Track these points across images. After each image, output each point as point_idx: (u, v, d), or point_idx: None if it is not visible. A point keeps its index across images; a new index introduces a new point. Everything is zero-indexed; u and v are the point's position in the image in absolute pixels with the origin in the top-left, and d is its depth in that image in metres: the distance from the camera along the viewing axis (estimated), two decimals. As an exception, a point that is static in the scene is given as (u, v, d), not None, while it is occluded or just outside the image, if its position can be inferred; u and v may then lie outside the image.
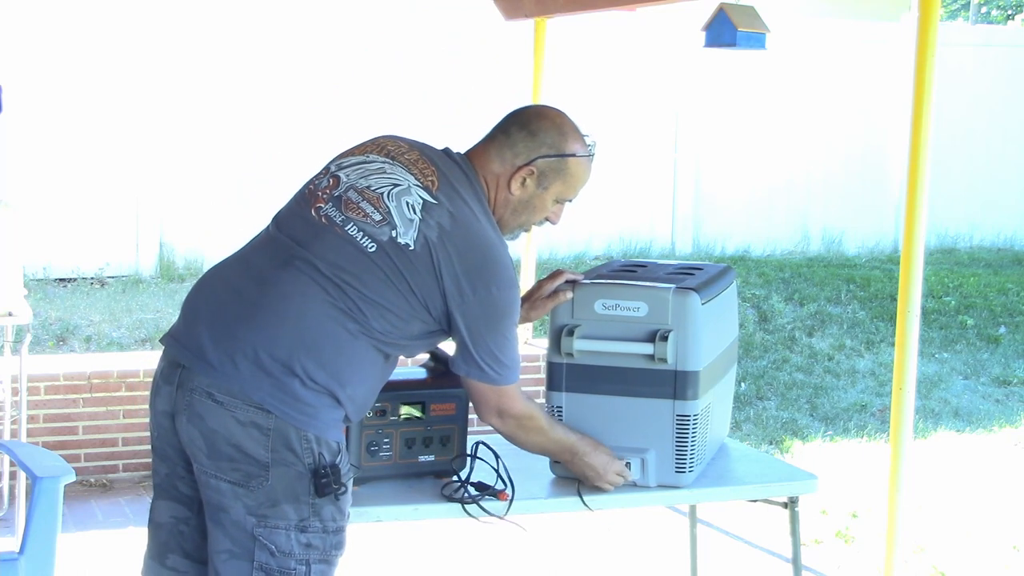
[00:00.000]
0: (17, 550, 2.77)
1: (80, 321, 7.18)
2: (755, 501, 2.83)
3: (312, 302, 2.32)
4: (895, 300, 6.01)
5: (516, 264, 9.44)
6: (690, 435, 2.60)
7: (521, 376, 5.33)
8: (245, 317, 2.33)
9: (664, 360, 2.56)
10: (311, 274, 2.34)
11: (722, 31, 5.08)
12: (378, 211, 2.37)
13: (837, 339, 7.92)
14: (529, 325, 5.81)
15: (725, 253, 10.29)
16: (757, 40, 5.10)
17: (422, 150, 2.48)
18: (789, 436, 6.19)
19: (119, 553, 4.36)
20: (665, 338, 2.56)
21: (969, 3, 20.05)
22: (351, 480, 2.38)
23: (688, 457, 2.61)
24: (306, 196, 2.46)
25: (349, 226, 2.37)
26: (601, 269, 2.88)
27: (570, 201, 2.54)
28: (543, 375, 5.56)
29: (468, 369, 2.43)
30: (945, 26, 12.43)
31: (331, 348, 2.31)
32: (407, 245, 2.34)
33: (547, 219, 2.55)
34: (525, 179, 2.47)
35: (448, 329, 2.42)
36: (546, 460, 2.73)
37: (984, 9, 20.41)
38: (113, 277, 8.55)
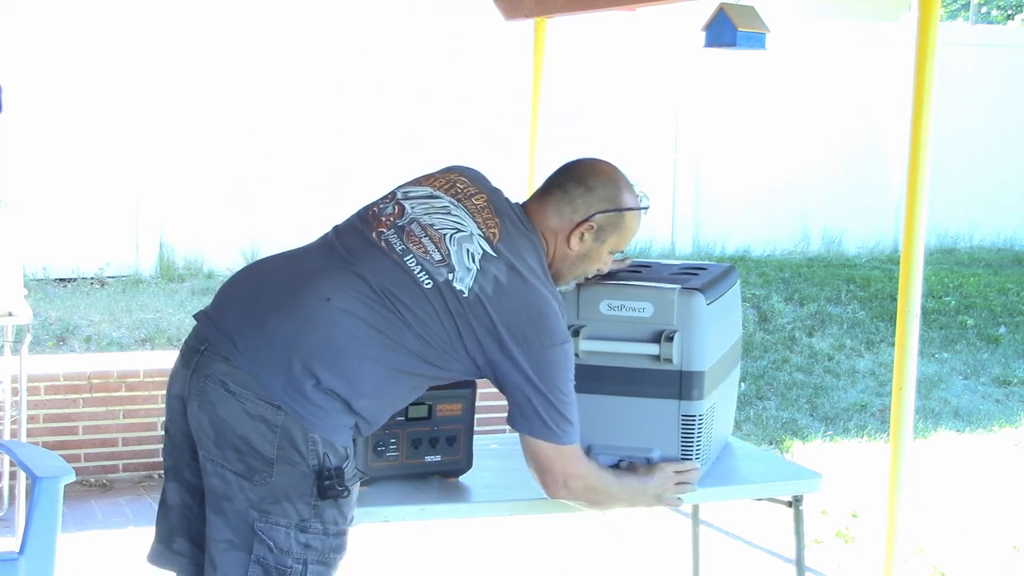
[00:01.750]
0: (17, 550, 2.76)
1: (80, 321, 7.17)
2: (760, 500, 2.83)
3: (350, 315, 2.33)
4: (895, 300, 6.01)
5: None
6: (695, 435, 2.60)
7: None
8: (280, 310, 2.34)
9: (669, 360, 2.56)
10: (358, 288, 2.35)
11: (722, 31, 5.08)
12: (439, 251, 2.38)
13: (837, 339, 7.92)
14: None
15: (725, 253, 10.29)
16: (757, 40, 5.10)
17: (489, 196, 2.49)
18: (789, 436, 6.19)
19: (119, 553, 4.36)
20: (670, 338, 2.56)
21: (969, 3, 20.06)
22: (357, 485, 2.38)
23: (693, 457, 2.61)
24: (368, 218, 2.47)
25: (408, 257, 2.38)
26: (606, 269, 2.87)
27: (622, 252, 2.59)
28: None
29: (531, 426, 2.40)
30: (945, 26, 12.44)
31: (356, 362, 2.31)
32: (461, 292, 2.35)
33: (598, 268, 2.59)
34: (584, 234, 2.50)
35: (493, 379, 2.42)
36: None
37: (984, 9, 20.42)
38: (113, 277, 8.55)
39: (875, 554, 4.41)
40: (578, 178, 2.53)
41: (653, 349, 2.57)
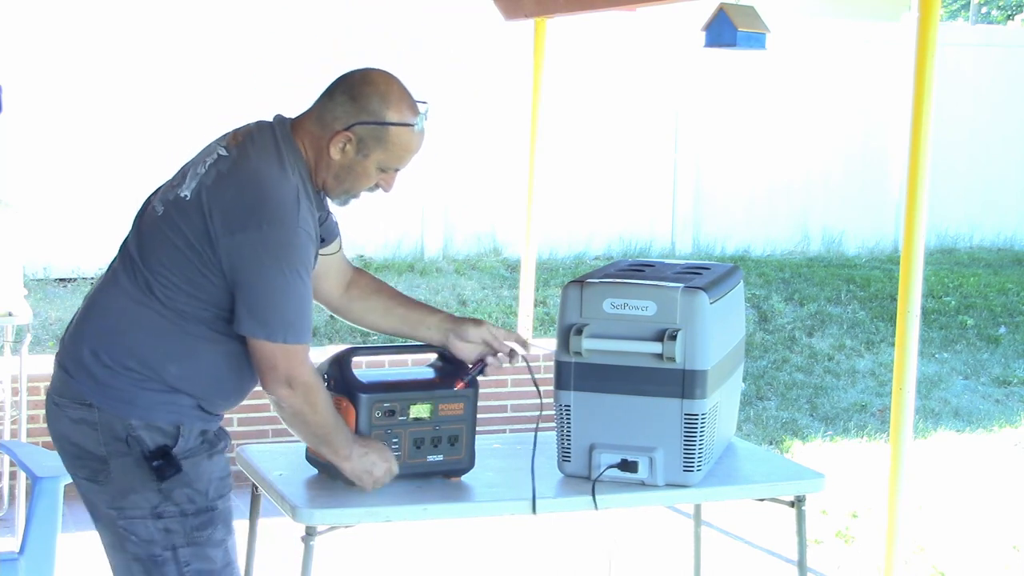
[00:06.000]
0: (17, 550, 2.77)
1: (80, 321, 7.17)
2: (762, 500, 2.83)
3: (112, 289, 2.34)
4: (895, 300, 6.00)
5: (515, 264, 9.29)
6: (698, 434, 2.59)
7: (521, 376, 5.27)
8: (75, 320, 2.38)
9: (672, 359, 2.56)
10: (119, 265, 2.35)
11: (722, 31, 5.08)
12: (180, 178, 2.35)
13: (837, 339, 7.92)
14: (529, 325, 5.79)
15: (725, 253, 10.28)
16: (757, 40, 5.10)
17: (256, 122, 2.42)
18: (789, 436, 6.19)
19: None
20: (674, 337, 2.55)
21: (969, 3, 20.07)
22: (212, 457, 2.33)
23: (696, 456, 2.61)
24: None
25: (156, 202, 2.37)
26: (608, 269, 2.87)
27: (397, 169, 2.40)
28: (544, 375, 5.57)
29: (250, 325, 2.25)
30: (945, 26, 12.44)
31: (131, 328, 2.29)
32: (184, 197, 2.29)
33: (379, 186, 2.42)
34: (344, 145, 2.34)
35: (231, 280, 2.28)
36: (553, 459, 2.72)
37: (984, 9, 20.42)
38: (112, 277, 8.55)
39: (875, 554, 4.41)
40: (346, 86, 2.38)
41: (656, 348, 2.57)
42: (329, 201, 2.48)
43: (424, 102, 2.41)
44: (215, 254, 2.25)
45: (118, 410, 2.28)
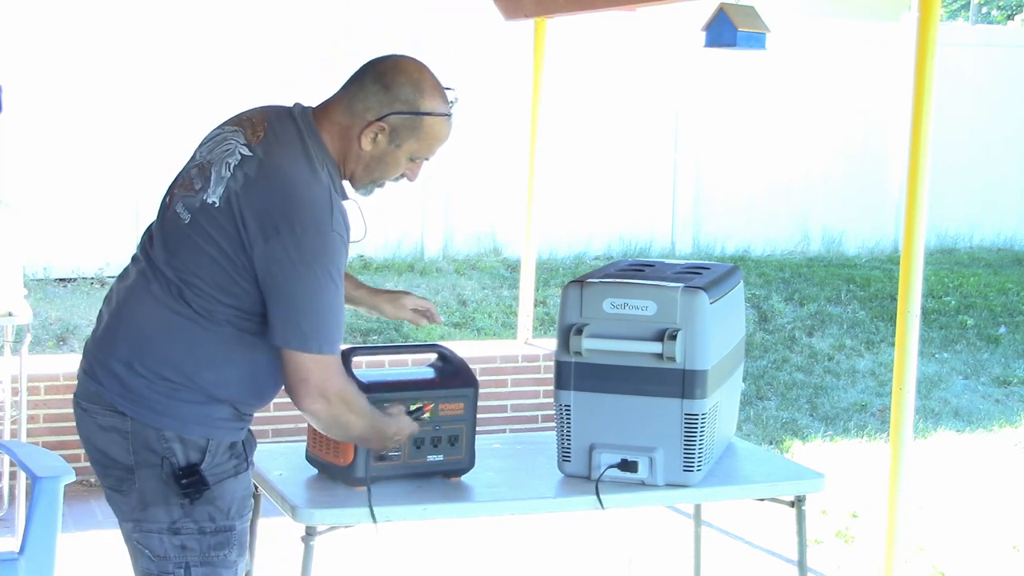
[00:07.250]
0: (17, 550, 2.77)
1: (80, 321, 7.17)
2: (762, 500, 2.83)
3: (143, 297, 2.28)
4: (895, 300, 6.01)
5: (515, 264, 9.25)
6: (698, 434, 2.59)
7: (521, 376, 5.31)
8: (102, 328, 2.34)
9: (672, 359, 2.56)
10: (147, 271, 2.30)
11: (722, 31, 5.08)
12: (201, 180, 2.27)
13: (837, 339, 7.92)
14: (529, 325, 5.79)
15: (725, 253, 10.29)
16: (757, 40, 5.11)
17: (268, 111, 2.35)
18: (789, 436, 6.19)
19: (119, 553, 4.34)
20: (674, 337, 2.55)
21: (969, 3, 20.07)
22: (235, 478, 2.31)
23: (696, 456, 2.61)
24: (173, 189, 2.39)
25: (177, 205, 2.29)
26: (608, 268, 2.87)
27: (427, 159, 2.37)
28: (544, 375, 5.58)
29: (284, 335, 2.19)
30: (945, 26, 12.43)
31: (165, 337, 2.24)
32: (213, 203, 2.23)
33: (404, 176, 2.38)
34: (376, 135, 2.29)
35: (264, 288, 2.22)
36: (553, 459, 2.72)
37: (984, 9, 20.43)
38: (113, 277, 8.52)
39: (875, 554, 4.41)
40: (377, 75, 2.30)
41: (656, 348, 2.57)
42: (349, 190, 2.42)
43: (452, 89, 2.36)
44: (250, 261, 2.20)
45: (152, 420, 2.24)
